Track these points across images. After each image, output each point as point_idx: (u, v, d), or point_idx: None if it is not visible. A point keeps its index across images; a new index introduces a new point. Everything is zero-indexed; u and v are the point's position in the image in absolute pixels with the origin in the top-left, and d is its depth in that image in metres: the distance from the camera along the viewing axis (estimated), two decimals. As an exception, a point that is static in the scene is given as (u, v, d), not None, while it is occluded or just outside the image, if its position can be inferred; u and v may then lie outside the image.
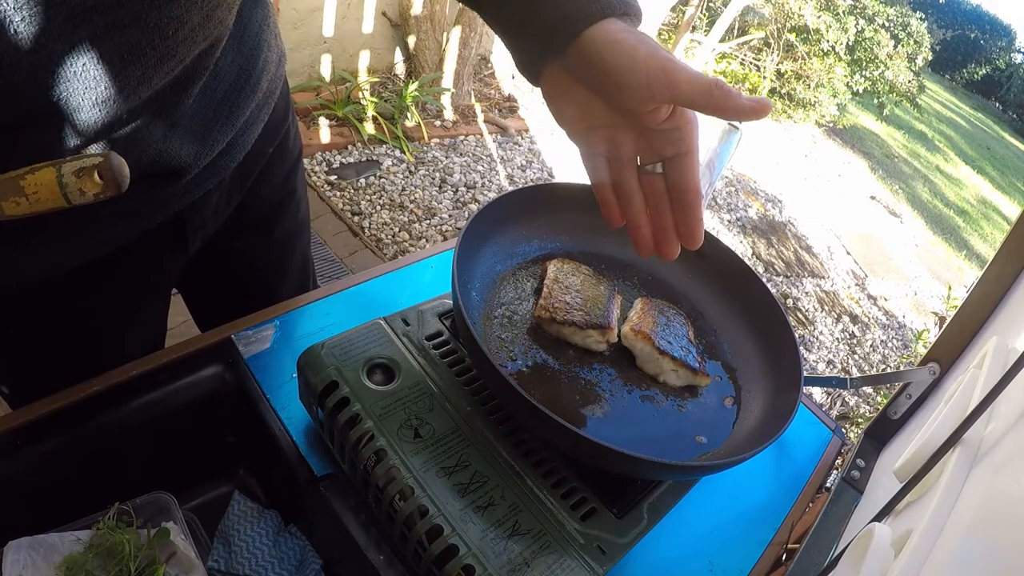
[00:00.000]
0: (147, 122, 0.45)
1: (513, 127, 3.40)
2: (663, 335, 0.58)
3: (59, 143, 0.40)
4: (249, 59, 0.54)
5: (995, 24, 13.21)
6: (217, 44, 0.47)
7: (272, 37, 0.59)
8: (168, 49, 0.41)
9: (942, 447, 0.46)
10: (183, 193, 0.55)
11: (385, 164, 2.77)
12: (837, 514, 0.65)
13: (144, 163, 0.47)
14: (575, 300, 0.59)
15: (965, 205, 6.21)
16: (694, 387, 0.60)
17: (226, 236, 0.70)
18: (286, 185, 0.74)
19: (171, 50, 0.41)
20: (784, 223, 3.93)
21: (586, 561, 0.45)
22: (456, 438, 0.50)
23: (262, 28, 0.56)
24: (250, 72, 0.55)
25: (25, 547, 0.44)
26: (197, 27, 0.42)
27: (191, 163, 0.52)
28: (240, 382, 0.59)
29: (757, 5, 5.48)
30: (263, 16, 0.56)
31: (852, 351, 3.13)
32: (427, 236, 2.53)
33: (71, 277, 0.54)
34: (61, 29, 0.34)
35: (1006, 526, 0.36)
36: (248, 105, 0.56)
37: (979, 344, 0.66)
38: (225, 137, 0.54)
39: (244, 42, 0.54)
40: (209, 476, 0.61)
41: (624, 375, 0.59)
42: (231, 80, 0.53)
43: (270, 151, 0.68)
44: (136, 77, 0.40)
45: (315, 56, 2.94)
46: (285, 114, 0.69)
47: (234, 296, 0.78)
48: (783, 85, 5.07)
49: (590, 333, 0.58)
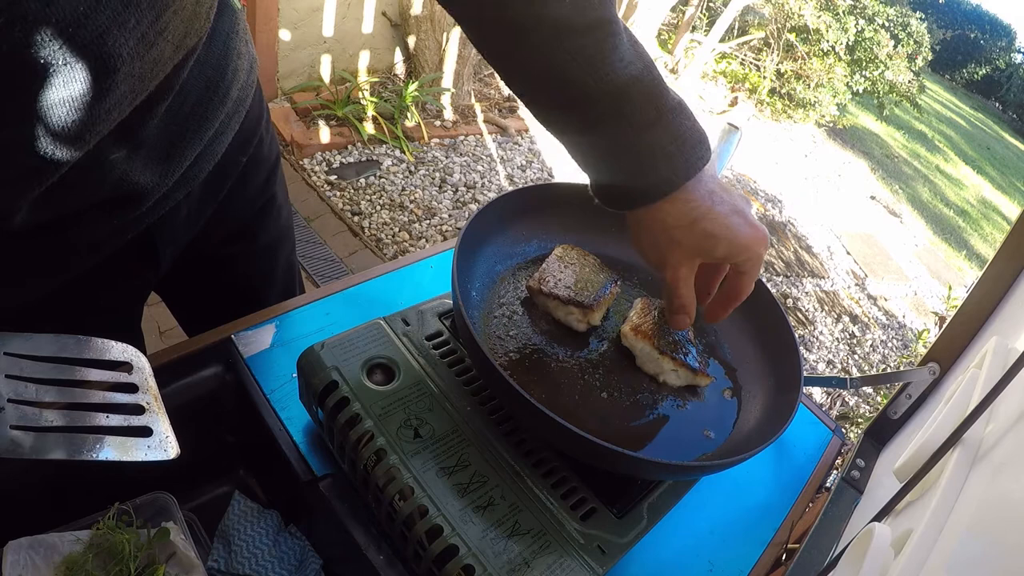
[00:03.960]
0: (108, 146, 0.43)
1: (513, 127, 3.40)
2: (663, 334, 0.59)
3: (15, 172, 0.38)
4: (216, 70, 0.52)
5: (995, 24, 13.20)
6: (185, 63, 0.44)
7: (242, 44, 0.56)
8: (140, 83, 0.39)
9: (942, 447, 0.46)
10: (149, 211, 0.53)
11: (385, 164, 2.77)
12: (837, 514, 0.65)
13: (106, 188, 0.46)
14: (568, 278, 0.60)
15: (965, 205, 6.21)
16: (694, 387, 0.60)
17: (209, 246, 0.69)
18: (265, 192, 0.73)
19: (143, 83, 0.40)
20: (784, 223, 3.93)
21: (586, 561, 0.45)
22: (456, 438, 0.50)
23: (230, 36, 0.53)
24: (218, 83, 0.52)
25: (25, 547, 0.44)
26: (168, 59, 0.41)
27: (157, 183, 0.50)
28: (240, 382, 0.59)
29: (757, 5, 5.49)
30: (231, 23, 0.54)
31: (852, 351, 3.13)
32: (427, 236, 2.53)
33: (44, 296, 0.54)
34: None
35: (1006, 526, 0.36)
36: (217, 117, 0.54)
37: (979, 344, 0.66)
38: (192, 152, 0.52)
39: (211, 53, 0.51)
40: (209, 476, 0.61)
41: (625, 375, 0.59)
42: (198, 94, 0.50)
43: (244, 160, 0.65)
44: (103, 110, 0.38)
45: (315, 56, 2.94)
46: (258, 121, 0.66)
47: (220, 305, 0.76)
48: (783, 85, 5.07)
49: (571, 310, 0.59)
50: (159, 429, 0.40)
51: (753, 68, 5.19)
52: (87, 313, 0.60)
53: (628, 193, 0.50)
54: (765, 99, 5.07)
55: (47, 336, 0.39)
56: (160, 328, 1.70)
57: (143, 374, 0.42)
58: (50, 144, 0.36)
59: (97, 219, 0.49)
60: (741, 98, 5.02)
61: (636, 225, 0.52)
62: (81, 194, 0.45)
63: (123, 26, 0.34)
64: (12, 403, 0.36)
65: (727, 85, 5.15)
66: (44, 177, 0.39)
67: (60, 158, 0.38)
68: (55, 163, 0.38)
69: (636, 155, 0.47)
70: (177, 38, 0.40)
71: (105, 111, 0.38)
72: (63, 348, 0.40)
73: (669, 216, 0.49)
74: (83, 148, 0.39)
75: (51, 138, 0.36)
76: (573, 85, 0.45)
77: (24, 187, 0.39)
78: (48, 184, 0.40)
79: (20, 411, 0.36)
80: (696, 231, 0.48)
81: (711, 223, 0.48)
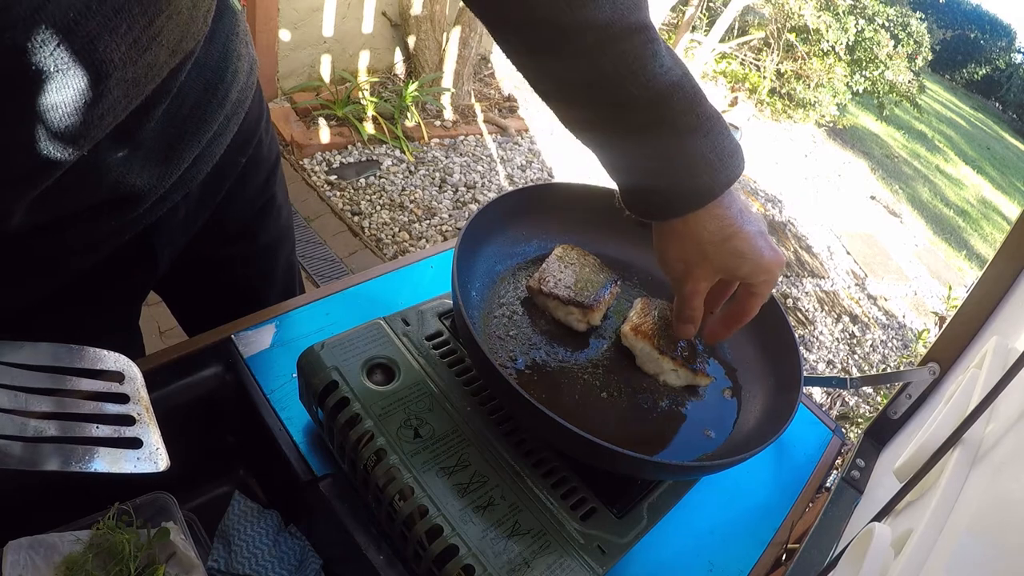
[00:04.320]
0: (105, 148, 0.42)
1: (513, 127, 3.40)
2: (663, 335, 0.59)
3: (12, 174, 0.38)
4: (215, 73, 0.52)
5: (995, 24, 13.19)
6: (182, 67, 0.44)
7: (241, 46, 0.56)
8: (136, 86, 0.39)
9: (942, 447, 0.46)
10: (147, 212, 0.53)
11: (385, 164, 2.77)
12: (837, 514, 0.65)
13: (104, 190, 0.46)
14: (568, 278, 0.60)
15: (965, 205, 6.21)
16: (694, 387, 0.60)
17: (209, 246, 0.69)
18: (265, 192, 0.73)
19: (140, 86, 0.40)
20: (784, 223, 3.93)
21: (586, 561, 0.45)
22: (456, 438, 0.50)
23: (229, 39, 0.53)
24: (217, 86, 0.52)
25: (25, 547, 0.44)
26: (163, 64, 0.41)
27: (154, 185, 0.50)
28: (240, 382, 0.59)
29: (757, 5, 5.49)
30: (230, 26, 0.53)
31: (852, 351, 3.13)
32: (427, 236, 2.53)
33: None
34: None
35: (1006, 526, 0.36)
36: (215, 119, 0.53)
37: (979, 344, 0.66)
38: (191, 154, 0.52)
39: (209, 55, 0.51)
40: (209, 476, 0.61)
41: (624, 375, 0.59)
42: (196, 97, 0.50)
43: (243, 161, 0.65)
44: (97, 115, 0.38)
45: (315, 56, 2.94)
46: (257, 123, 0.66)
47: (220, 305, 0.76)
48: (783, 85, 5.07)
49: (571, 310, 0.59)
50: (149, 441, 0.40)
51: (753, 68, 5.19)
52: (86, 314, 0.60)
53: (667, 201, 0.49)
54: (765, 99, 5.07)
55: (40, 345, 0.39)
56: (160, 328, 1.70)
57: (135, 384, 0.42)
58: (46, 147, 0.37)
59: (95, 220, 0.49)
60: (741, 98, 5.02)
61: (667, 236, 0.51)
62: (78, 196, 0.45)
63: (114, 32, 0.35)
64: (2, 412, 0.35)
65: (727, 85, 5.15)
66: (40, 179, 0.39)
67: (56, 161, 0.38)
68: (51, 165, 0.38)
69: (677, 162, 0.46)
70: (172, 43, 0.40)
71: (99, 115, 0.38)
72: (56, 357, 0.40)
73: (705, 231, 0.48)
74: (79, 151, 0.39)
75: (46, 141, 0.36)
76: (614, 91, 0.44)
77: (21, 189, 0.39)
78: (45, 186, 0.40)
79: (10, 420, 0.35)
80: (726, 248, 0.48)
81: (742, 242, 0.48)
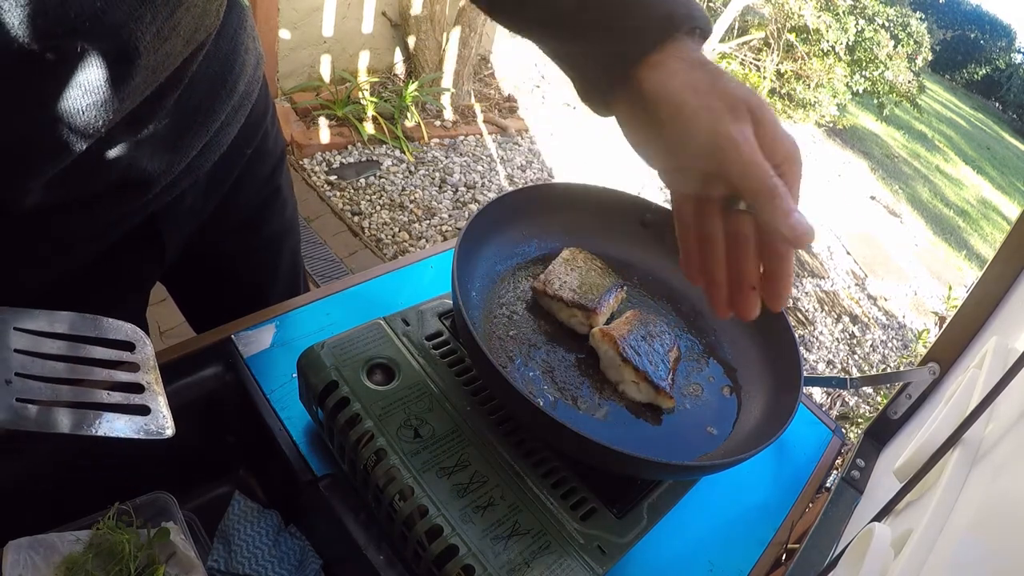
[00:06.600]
0: (119, 134, 0.44)
1: (513, 127, 3.40)
2: (633, 343, 0.56)
3: (32, 154, 0.40)
4: (224, 65, 0.53)
5: (995, 24, 13.20)
6: (194, 57, 0.46)
7: (249, 40, 0.58)
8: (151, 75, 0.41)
9: (942, 447, 0.46)
10: (154, 198, 0.54)
11: (385, 164, 2.77)
12: (837, 514, 0.65)
13: (115, 174, 0.47)
14: (572, 281, 0.60)
15: (965, 205, 6.21)
16: (657, 407, 0.56)
17: (213, 237, 0.70)
18: (270, 184, 0.74)
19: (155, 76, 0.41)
20: (784, 223, 3.92)
21: (586, 561, 0.45)
22: (456, 438, 0.50)
23: (238, 32, 0.55)
24: (225, 77, 0.54)
25: (25, 547, 0.44)
26: (179, 53, 0.42)
27: (163, 172, 0.51)
28: (240, 382, 0.59)
29: (757, 5, 5.48)
30: (239, 20, 0.55)
31: (852, 351, 3.13)
32: (427, 236, 2.53)
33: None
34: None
35: (1006, 526, 0.36)
36: (223, 109, 0.55)
37: (979, 344, 0.66)
38: (199, 142, 0.54)
39: (219, 48, 0.52)
40: (209, 476, 0.61)
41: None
42: (205, 87, 0.52)
43: (249, 152, 0.67)
44: (117, 100, 0.40)
45: (315, 56, 2.94)
46: (263, 115, 0.68)
47: (225, 298, 0.78)
48: (783, 85, 5.07)
49: (575, 312, 0.59)
50: (157, 409, 0.41)
51: (753, 68, 5.19)
52: (92, 304, 0.61)
53: (642, 31, 0.38)
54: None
55: (57, 313, 0.41)
56: (160, 328, 1.70)
57: (145, 353, 0.43)
58: (66, 130, 0.39)
59: (104, 204, 0.50)
60: (741, 98, 5.01)
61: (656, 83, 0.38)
62: (90, 178, 0.47)
63: (139, 21, 0.37)
64: (19, 376, 0.37)
65: (727, 85, 5.14)
66: (58, 160, 0.41)
67: (74, 143, 0.40)
68: (69, 147, 0.40)
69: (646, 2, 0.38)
70: (188, 33, 0.42)
71: (119, 101, 0.40)
72: (73, 326, 0.41)
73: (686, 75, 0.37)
74: (97, 135, 0.41)
75: (67, 124, 0.38)
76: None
77: (38, 169, 0.41)
78: (61, 167, 0.42)
79: (27, 384, 0.37)
80: (719, 88, 0.37)
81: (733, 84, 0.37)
